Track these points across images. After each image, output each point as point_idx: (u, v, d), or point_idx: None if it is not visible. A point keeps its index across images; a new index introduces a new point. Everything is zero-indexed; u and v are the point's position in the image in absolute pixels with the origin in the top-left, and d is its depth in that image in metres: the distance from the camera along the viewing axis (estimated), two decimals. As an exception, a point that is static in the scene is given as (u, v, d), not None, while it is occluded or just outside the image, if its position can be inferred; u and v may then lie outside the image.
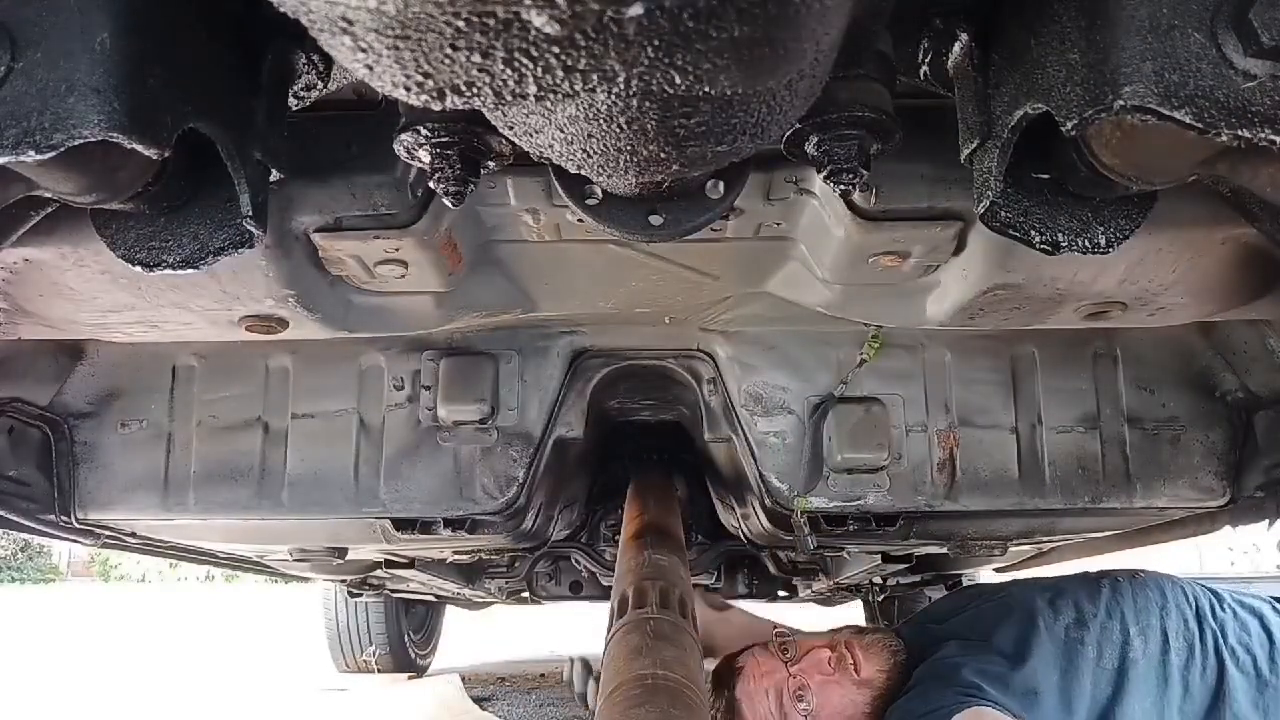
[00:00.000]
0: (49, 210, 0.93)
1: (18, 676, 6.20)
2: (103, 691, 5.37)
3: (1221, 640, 1.88)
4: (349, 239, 1.17)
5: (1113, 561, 2.27)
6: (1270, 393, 1.64)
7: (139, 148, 0.73)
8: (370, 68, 0.54)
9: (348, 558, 2.28)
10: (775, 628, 2.19)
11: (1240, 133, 0.67)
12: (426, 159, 0.94)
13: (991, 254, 1.18)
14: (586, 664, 2.02)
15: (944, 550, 2.29)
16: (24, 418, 1.66)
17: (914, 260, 1.24)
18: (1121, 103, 0.68)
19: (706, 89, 0.57)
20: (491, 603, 5.02)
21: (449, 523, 1.83)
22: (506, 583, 3.64)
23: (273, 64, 0.88)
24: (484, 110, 0.78)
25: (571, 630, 8.16)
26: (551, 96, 0.56)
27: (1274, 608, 1.98)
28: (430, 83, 0.54)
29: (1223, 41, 0.67)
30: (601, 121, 0.69)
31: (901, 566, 2.71)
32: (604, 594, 4.00)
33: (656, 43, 0.50)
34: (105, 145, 0.73)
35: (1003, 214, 0.89)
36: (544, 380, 1.71)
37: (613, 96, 0.63)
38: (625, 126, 0.69)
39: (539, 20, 0.45)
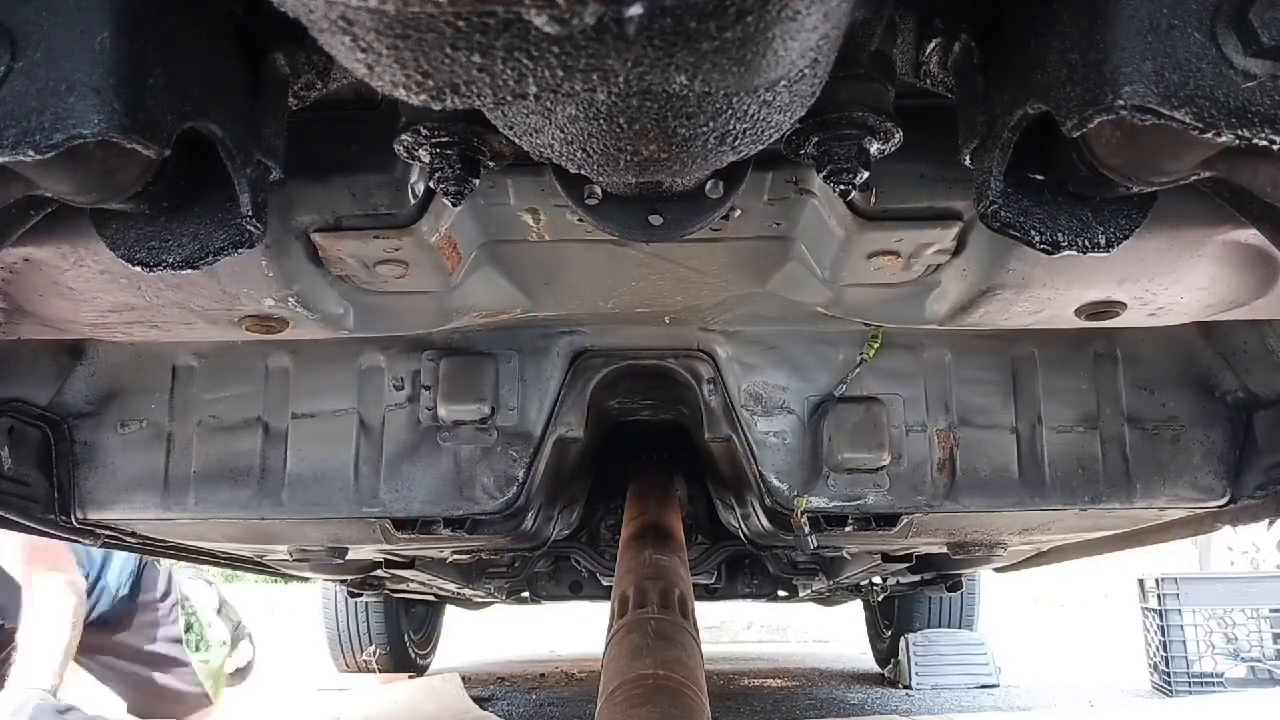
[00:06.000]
0: (49, 210, 0.93)
1: (18, 676, 6.19)
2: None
3: None
4: (349, 239, 1.17)
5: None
6: (1270, 393, 1.64)
7: (139, 147, 0.73)
8: (370, 67, 0.54)
9: (348, 558, 2.28)
10: None
11: (1240, 133, 0.67)
12: (426, 159, 0.95)
13: (991, 254, 1.18)
14: None
15: (944, 550, 2.29)
16: (24, 418, 1.66)
17: (914, 260, 1.24)
18: (1121, 102, 0.68)
19: (706, 89, 0.57)
20: (491, 603, 5.02)
21: (449, 522, 1.83)
22: (506, 583, 3.64)
23: (273, 64, 0.88)
24: (484, 110, 0.78)
25: (571, 630, 8.16)
26: (551, 96, 0.56)
27: None
28: (430, 82, 0.54)
29: (1223, 41, 0.67)
30: (601, 121, 0.69)
31: (901, 566, 2.72)
32: (604, 594, 4.01)
33: (656, 42, 0.50)
34: (105, 145, 0.73)
35: (1003, 214, 0.89)
36: (544, 380, 1.71)
37: (613, 96, 0.63)
38: (625, 126, 0.69)
39: (539, 20, 0.45)
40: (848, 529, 1.80)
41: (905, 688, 4.86)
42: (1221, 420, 1.70)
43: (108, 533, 1.87)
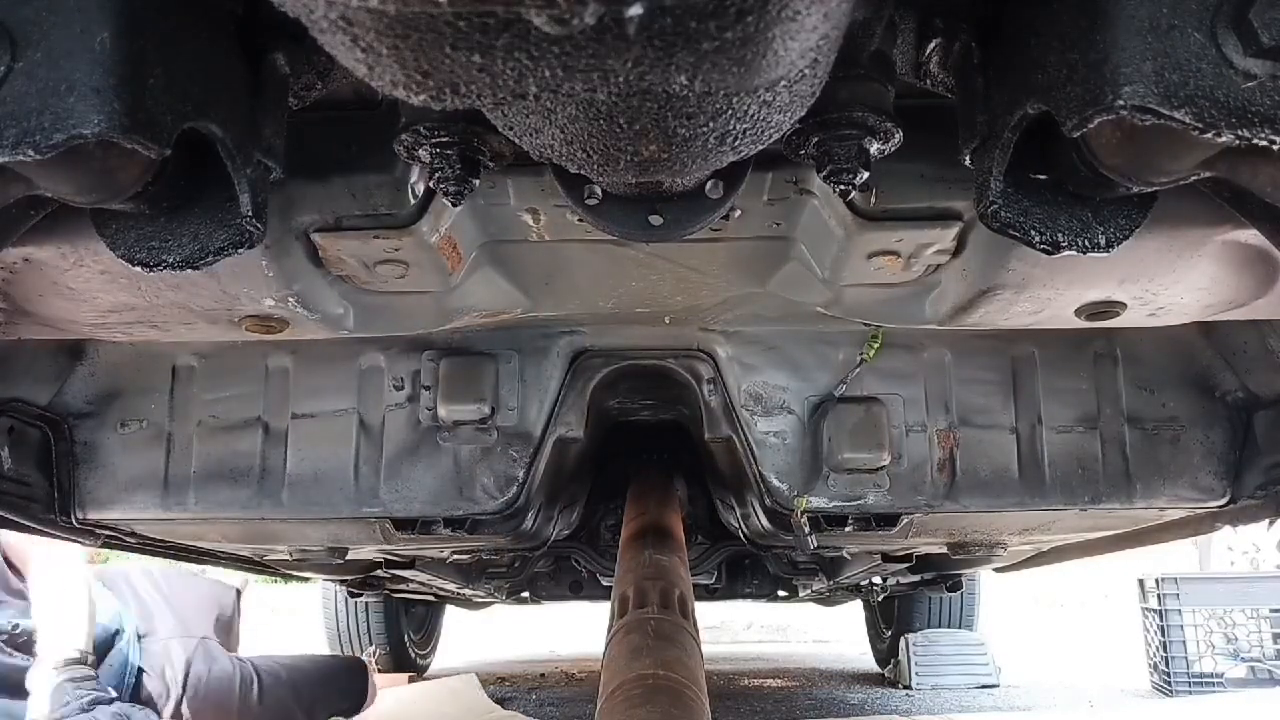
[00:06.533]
0: (49, 210, 0.93)
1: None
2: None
3: None
4: (349, 239, 1.17)
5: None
6: (1270, 393, 1.64)
7: (139, 147, 0.73)
8: (370, 67, 0.54)
9: (348, 558, 2.28)
10: None
11: (1240, 133, 0.67)
12: (426, 159, 0.95)
13: (991, 254, 1.18)
14: None
15: (944, 550, 2.29)
16: (24, 418, 1.66)
17: (914, 260, 1.24)
18: (1121, 102, 0.68)
19: (706, 89, 0.57)
20: (491, 603, 5.01)
21: (449, 522, 1.83)
22: (506, 583, 3.65)
23: (273, 64, 0.88)
24: (484, 110, 0.78)
25: (571, 630, 8.16)
26: (551, 96, 0.56)
27: None
28: (430, 82, 0.54)
29: (1223, 41, 0.67)
30: (601, 121, 0.69)
31: (901, 566, 2.72)
32: (604, 594, 4.00)
33: (656, 42, 0.50)
34: (105, 145, 0.73)
35: (1003, 214, 0.89)
36: (544, 380, 1.71)
37: (613, 96, 0.63)
38: (625, 126, 0.69)
39: (539, 20, 0.45)
40: (848, 529, 1.80)
41: (905, 688, 4.86)
42: (1221, 420, 1.70)
43: (107, 533, 1.87)
